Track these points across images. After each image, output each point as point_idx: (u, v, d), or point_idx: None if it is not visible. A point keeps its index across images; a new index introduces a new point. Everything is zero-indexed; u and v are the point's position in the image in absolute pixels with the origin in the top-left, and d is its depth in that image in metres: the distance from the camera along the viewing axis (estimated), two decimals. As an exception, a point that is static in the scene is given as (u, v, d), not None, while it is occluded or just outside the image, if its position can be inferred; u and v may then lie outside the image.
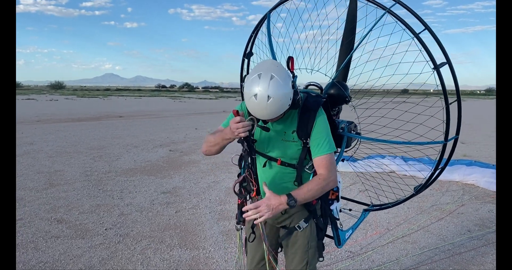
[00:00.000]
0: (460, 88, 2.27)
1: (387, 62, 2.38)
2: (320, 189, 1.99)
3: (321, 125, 2.06)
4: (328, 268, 3.82)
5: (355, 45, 2.53)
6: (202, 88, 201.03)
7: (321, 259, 2.30)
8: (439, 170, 2.63)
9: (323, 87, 2.54)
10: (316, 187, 1.97)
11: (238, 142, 2.06)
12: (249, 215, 1.92)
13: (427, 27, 2.15)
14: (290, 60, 2.13)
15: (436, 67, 2.17)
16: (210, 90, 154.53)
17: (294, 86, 1.93)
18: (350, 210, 2.98)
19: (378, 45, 2.45)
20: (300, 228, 2.22)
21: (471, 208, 5.74)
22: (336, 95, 2.48)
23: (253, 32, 2.95)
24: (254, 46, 3.00)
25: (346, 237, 2.70)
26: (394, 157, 8.03)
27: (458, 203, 5.97)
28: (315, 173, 2.11)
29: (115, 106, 32.57)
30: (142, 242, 4.36)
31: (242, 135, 1.91)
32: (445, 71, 2.18)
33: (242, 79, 3.10)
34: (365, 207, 3.12)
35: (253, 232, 2.28)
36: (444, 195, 6.46)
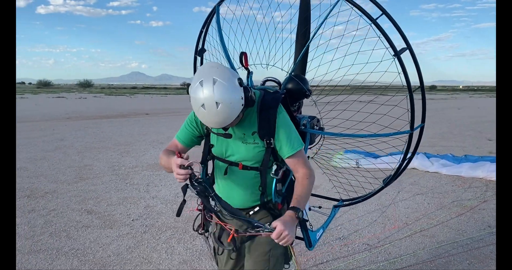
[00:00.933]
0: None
1: (345, 52, 2.25)
2: (308, 189, 1.92)
3: (284, 123, 1.92)
4: (345, 259, 3.92)
5: (311, 35, 2.38)
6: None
7: (286, 266, 2.16)
8: (407, 160, 2.56)
9: (282, 82, 2.40)
10: (304, 190, 1.89)
11: (181, 188, 1.86)
12: (283, 243, 1.73)
13: (384, 12, 2.04)
14: (243, 55, 2.02)
15: (397, 54, 2.06)
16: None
17: (241, 83, 1.75)
18: (319, 207, 2.83)
19: (336, 35, 2.30)
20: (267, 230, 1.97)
21: (493, 204, 5.69)
22: (294, 89, 2.32)
23: (202, 28, 2.76)
24: (205, 42, 2.83)
25: (318, 237, 2.53)
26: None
27: (480, 199, 5.93)
28: (285, 180, 2.06)
29: (141, 104, 33.30)
30: (166, 232, 4.56)
31: (182, 182, 1.75)
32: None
33: None
34: (335, 203, 2.98)
35: (222, 243, 2.10)
36: (466, 191, 6.42)
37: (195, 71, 2.86)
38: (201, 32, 2.78)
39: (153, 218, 5.02)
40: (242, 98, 1.74)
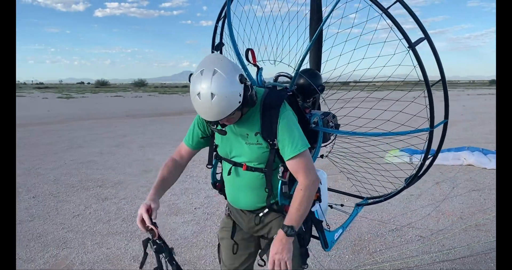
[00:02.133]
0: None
1: (355, 45, 2.09)
2: (307, 200, 1.82)
3: (287, 123, 1.82)
4: (398, 249, 4.06)
5: (321, 26, 2.19)
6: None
7: (305, 266, 2.09)
8: (430, 159, 2.44)
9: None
10: (302, 202, 1.81)
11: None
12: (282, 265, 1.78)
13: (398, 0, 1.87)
14: (249, 52, 1.97)
15: (411, 45, 1.90)
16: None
17: (243, 80, 1.69)
18: (342, 205, 2.75)
19: (346, 27, 2.14)
20: None
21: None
22: (305, 85, 2.20)
23: (217, 22, 2.65)
24: (222, 36, 2.72)
25: (336, 238, 2.43)
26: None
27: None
28: (290, 181, 1.94)
29: (193, 102, 34.32)
30: (226, 220, 4.91)
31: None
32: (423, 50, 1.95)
33: None
34: (358, 201, 2.89)
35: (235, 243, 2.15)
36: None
37: None
38: (216, 26, 2.68)
39: (214, 207, 5.40)
40: (240, 95, 1.67)
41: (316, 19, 2.39)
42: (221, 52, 2.74)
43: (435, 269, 3.65)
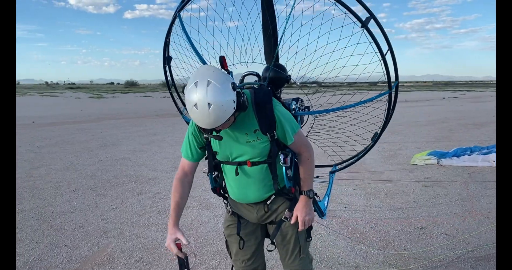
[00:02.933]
0: None
1: (318, 34, 2.36)
2: (313, 167, 2.18)
3: (282, 114, 2.05)
4: (423, 245, 4.15)
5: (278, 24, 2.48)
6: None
7: (309, 239, 2.36)
8: (390, 117, 2.72)
9: (260, 74, 2.47)
10: (311, 169, 2.17)
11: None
12: (308, 224, 2.18)
13: None
14: (222, 59, 2.12)
15: (364, 24, 2.17)
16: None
17: (235, 88, 1.83)
18: (317, 177, 2.86)
19: (311, 24, 2.38)
20: (287, 218, 2.22)
21: None
22: (275, 78, 2.41)
23: (166, 37, 2.76)
24: (172, 50, 2.83)
25: (326, 205, 2.75)
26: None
27: None
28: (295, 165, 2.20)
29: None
30: (255, 215, 5.12)
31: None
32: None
33: (169, 87, 3.13)
34: (330, 169, 3.14)
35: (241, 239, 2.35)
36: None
37: (166, 80, 3.08)
38: (165, 41, 2.79)
39: (243, 203, 5.62)
40: (234, 101, 1.80)
41: (269, 16, 2.52)
42: (170, 66, 2.96)
43: (460, 267, 3.73)
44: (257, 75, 2.44)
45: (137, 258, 3.95)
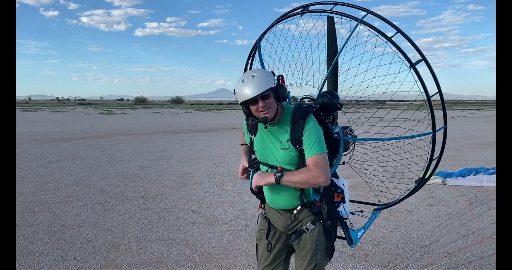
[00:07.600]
0: None
1: (366, 67, 2.57)
2: (304, 178, 2.15)
3: (310, 129, 2.23)
4: (424, 263, 4.20)
5: (337, 56, 2.72)
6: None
7: (328, 259, 2.45)
8: (435, 160, 2.77)
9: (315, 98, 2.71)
10: (300, 175, 2.17)
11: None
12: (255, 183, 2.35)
13: (398, 30, 2.35)
14: (280, 78, 2.34)
15: (412, 65, 2.35)
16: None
17: (276, 79, 2.22)
18: (361, 211, 3.18)
19: (362, 56, 2.61)
20: (308, 230, 2.38)
21: None
22: (327, 104, 2.62)
23: (248, 59, 3.21)
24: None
25: (359, 236, 2.85)
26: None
27: None
28: None
29: (228, 119, 35.18)
30: (260, 232, 5.20)
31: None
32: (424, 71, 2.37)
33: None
34: (375, 207, 3.32)
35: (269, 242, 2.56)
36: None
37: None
38: (246, 63, 3.24)
39: (248, 219, 5.71)
40: (274, 80, 2.20)
41: (332, 51, 2.84)
42: None
43: (461, 284, 3.77)
44: (312, 99, 2.72)
45: (144, 272, 4.04)
